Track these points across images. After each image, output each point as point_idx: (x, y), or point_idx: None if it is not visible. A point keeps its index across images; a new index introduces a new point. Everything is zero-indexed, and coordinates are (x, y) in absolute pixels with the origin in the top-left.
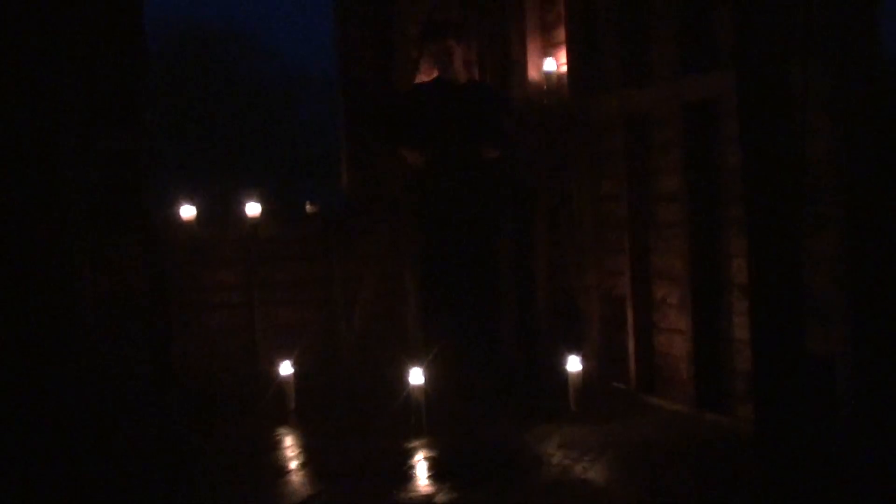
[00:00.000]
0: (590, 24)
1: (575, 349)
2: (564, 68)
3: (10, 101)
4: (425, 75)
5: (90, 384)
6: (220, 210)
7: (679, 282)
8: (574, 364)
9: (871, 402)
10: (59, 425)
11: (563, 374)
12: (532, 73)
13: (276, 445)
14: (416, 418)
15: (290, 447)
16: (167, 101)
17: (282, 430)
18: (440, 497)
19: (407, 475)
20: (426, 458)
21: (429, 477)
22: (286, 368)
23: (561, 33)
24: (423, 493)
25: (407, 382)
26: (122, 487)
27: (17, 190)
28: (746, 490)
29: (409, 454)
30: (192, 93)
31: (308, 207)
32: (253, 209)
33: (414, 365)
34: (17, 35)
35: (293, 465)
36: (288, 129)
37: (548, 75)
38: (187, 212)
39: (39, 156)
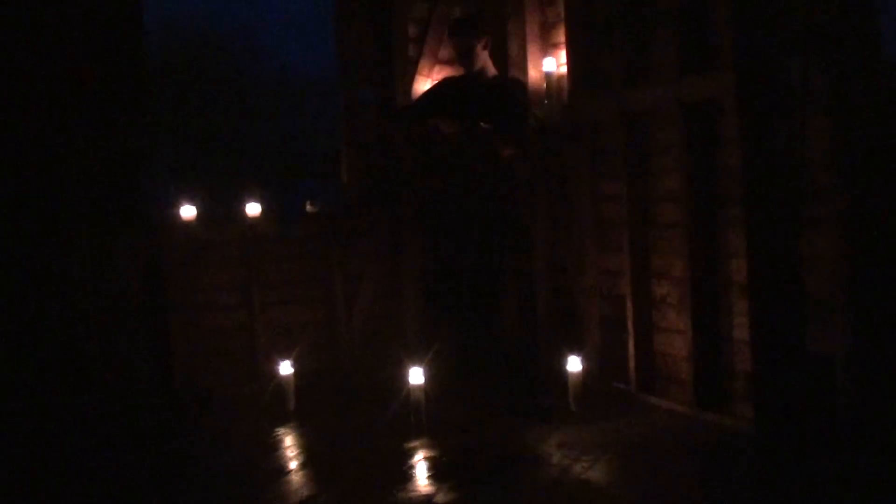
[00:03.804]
0: (590, 24)
1: (575, 349)
2: (564, 68)
3: (10, 101)
4: (454, 71)
5: (89, 384)
6: (220, 210)
7: (679, 281)
8: (574, 364)
9: (871, 401)
10: (59, 425)
11: (563, 374)
12: (532, 73)
13: (276, 445)
14: (416, 418)
15: (290, 447)
16: (168, 102)
17: (282, 430)
18: (440, 497)
19: (407, 475)
20: (426, 458)
21: (429, 477)
22: (286, 368)
23: (561, 33)
24: (423, 493)
25: (407, 382)
26: (121, 488)
27: (16, 189)
28: (746, 490)
29: (409, 454)
30: (193, 93)
31: (308, 207)
32: (253, 209)
33: (414, 365)
34: (17, 35)
35: (293, 465)
36: (288, 129)
37: (548, 75)
38: (187, 212)
39: (39, 156)
